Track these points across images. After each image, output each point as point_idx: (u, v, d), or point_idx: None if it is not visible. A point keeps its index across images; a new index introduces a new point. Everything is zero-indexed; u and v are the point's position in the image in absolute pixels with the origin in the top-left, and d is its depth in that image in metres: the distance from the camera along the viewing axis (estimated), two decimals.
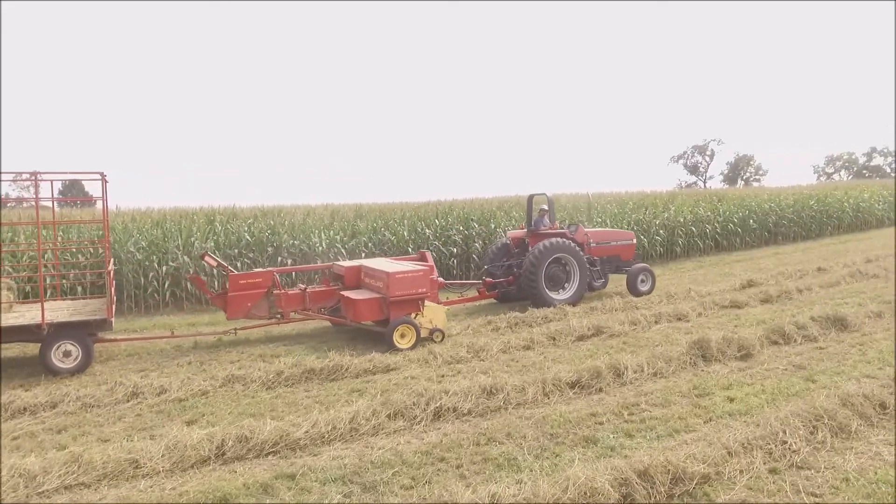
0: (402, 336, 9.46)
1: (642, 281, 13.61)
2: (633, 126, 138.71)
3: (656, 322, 10.38)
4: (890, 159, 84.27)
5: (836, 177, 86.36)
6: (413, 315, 9.82)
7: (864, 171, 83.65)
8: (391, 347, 9.29)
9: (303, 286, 10.96)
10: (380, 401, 6.62)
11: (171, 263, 13.68)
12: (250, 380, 7.86)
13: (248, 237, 15.01)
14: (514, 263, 13.33)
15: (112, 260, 11.80)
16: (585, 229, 13.95)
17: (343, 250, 15.43)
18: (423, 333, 9.75)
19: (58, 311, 9.50)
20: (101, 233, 13.09)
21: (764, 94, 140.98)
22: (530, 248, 12.75)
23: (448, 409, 6.50)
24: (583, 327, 9.80)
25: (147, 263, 13.62)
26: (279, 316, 10.40)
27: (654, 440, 5.68)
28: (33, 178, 8.64)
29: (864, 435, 5.58)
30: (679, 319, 10.60)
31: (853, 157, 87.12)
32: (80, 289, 12.91)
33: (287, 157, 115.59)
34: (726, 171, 79.25)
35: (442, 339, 9.84)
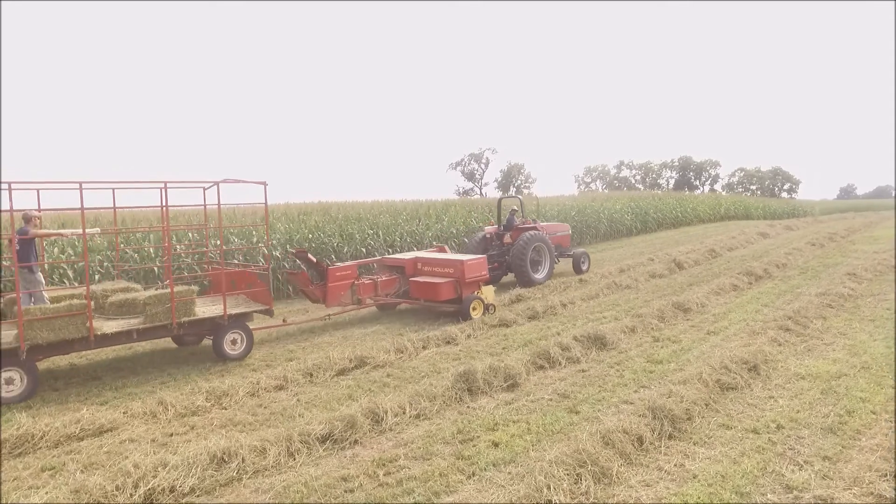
0: (474, 309, 11.81)
1: (583, 262, 17.89)
2: (411, 133, 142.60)
3: (424, 347, 9.75)
4: (635, 171, 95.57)
5: (593, 185, 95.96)
6: (475, 293, 12.18)
7: (615, 182, 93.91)
8: (467, 318, 11.59)
9: (374, 276, 12.85)
10: (71, 488, 5.04)
11: None
12: None
13: None
14: (495, 253, 16.21)
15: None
16: (541, 224, 17.69)
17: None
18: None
19: (210, 305, 10.19)
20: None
21: (533, 107, 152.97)
22: (516, 240, 15.92)
23: (164, 489, 5.12)
24: (344, 359, 8.83)
25: None
26: (358, 302, 12.03)
27: None
28: (215, 185, 9.52)
29: (624, 478, 5.30)
30: (447, 343, 10.09)
31: (606, 168, 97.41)
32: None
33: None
34: (500, 179, 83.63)
35: (494, 311, 12.11)
